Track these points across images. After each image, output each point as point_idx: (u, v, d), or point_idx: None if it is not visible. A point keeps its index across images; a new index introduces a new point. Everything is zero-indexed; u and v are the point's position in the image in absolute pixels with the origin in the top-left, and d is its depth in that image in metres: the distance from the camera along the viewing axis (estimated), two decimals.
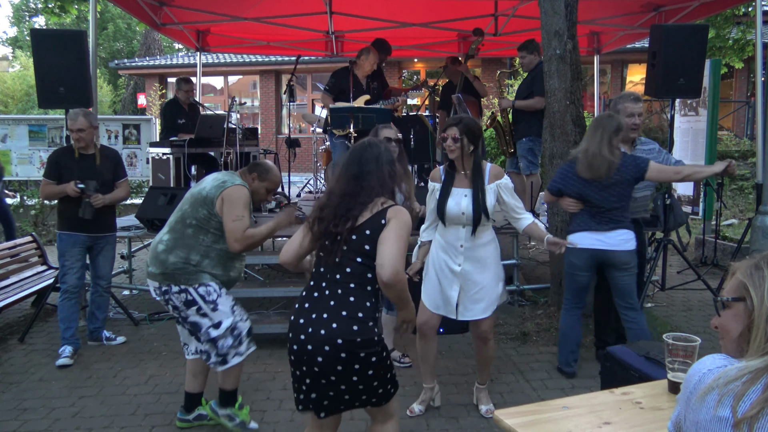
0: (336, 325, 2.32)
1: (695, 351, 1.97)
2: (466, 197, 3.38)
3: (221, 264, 3.34)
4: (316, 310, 2.39)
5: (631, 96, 4.17)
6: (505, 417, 1.81)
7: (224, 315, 3.30)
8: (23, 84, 19.52)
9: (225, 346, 3.30)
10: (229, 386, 3.45)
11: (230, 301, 3.37)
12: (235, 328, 3.33)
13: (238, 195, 3.27)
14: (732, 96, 16.64)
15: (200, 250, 3.28)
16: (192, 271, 3.26)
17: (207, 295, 3.27)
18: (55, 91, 5.12)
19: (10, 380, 4.28)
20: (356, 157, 2.56)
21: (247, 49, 10.70)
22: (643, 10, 7.41)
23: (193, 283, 3.25)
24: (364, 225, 2.42)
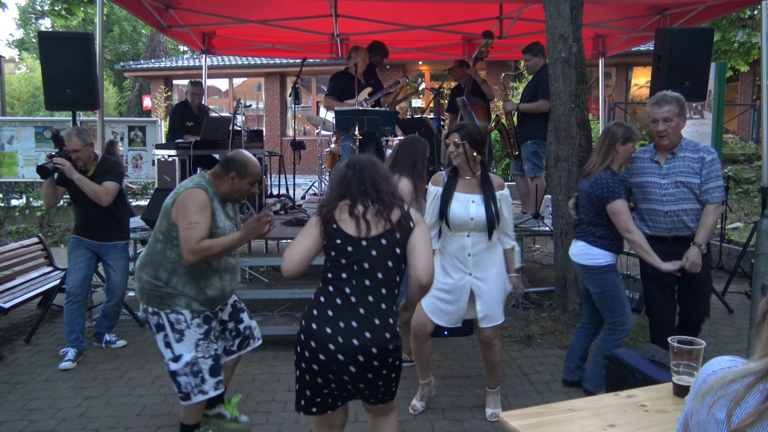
0: (369, 335, 2.28)
1: (700, 354, 1.97)
2: (475, 203, 3.34)
3: (193, 282, 3.06)
4: (343, 318, 2.30)
5: (655, 99, 3.69)
6: (510, 419, 1.81)
7: (185, 349, 3.05)
8: (29, 86, 19.67)
9: (187, 385, 3.07)
10: (190, 421, 3.21)
11: (198, 334, 3.07)
12: (195, 364, 3.06)
13: (190, 199, 2.96)
14: (737, 99, 16.61)
15: (167, 266, 3.04)
16: (164, 294, 3.04)
17: (176, 323, 3.05)
18: (62, 93, 5.16)
19: (16, 380, 4.30)
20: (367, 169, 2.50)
21: (252, 52, 10.72)
22: (648, 13, 7.40)
23: (166, 308, 3.05)
24: (394, 228, 2.38)
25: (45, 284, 5.55)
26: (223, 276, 3.18)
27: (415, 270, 2.35)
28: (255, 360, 4.59)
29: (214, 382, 3.11)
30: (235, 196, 3.20)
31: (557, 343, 4.82)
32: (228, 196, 3.17)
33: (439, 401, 3.90)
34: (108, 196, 4.48)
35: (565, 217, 5.09)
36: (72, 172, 4.38)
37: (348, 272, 2.36)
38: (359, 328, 2.28)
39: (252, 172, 3.15)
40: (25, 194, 10.39)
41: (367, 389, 2.39)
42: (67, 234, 9.05)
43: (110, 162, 4.76)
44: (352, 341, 2.26)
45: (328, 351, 2.28)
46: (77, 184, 4.40)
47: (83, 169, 4.53)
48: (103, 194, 4.46)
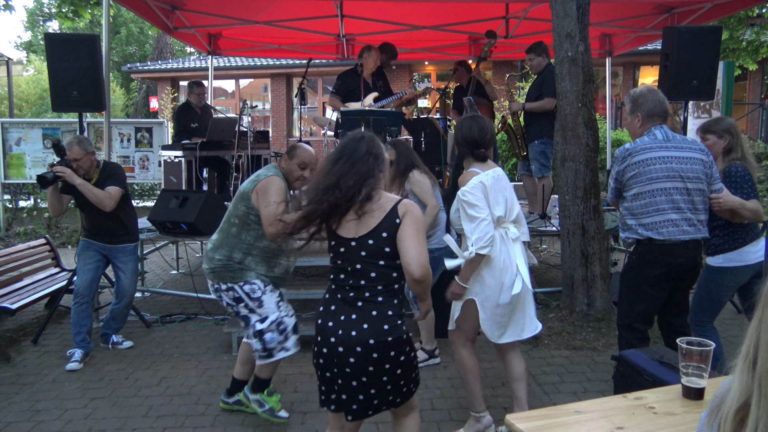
0: (367, 326, 2.36)
1: (710, 355, 1.94)
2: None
3: (264, 262, 3.40)
4: (343, 312, 2.41)
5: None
6: (517, 421, 1.79)
7: (269, 311, 3.40)
8: (37, 88, 19.76)
9: (272, 341, 3.39)
10: (264, 375, 3.55)
11: (275, 297, 3.44)
12: (281, 323, 3.41)
13: (270, 184, 3.31)
14: (745, 98, 16.51)
15: (242, 248, 3.38)
16: (236, 269, 3.37)
17: (252, 293, 3.38)
18: (69, 94, 5.17)
19: (23, 381, 4.31)
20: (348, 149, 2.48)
21: (258, 53, 10.74)
22: (655, 12, 7.37)
23: (239, 280, 3.37)
24: (378, 227, 2.39)
25: (52, 285, 5.57)
26: (290, 257, 3.50)
27: (405, 265, 2.35)
28: None
29: (295, 339, 3.47)
30: (289, 178, 3.43)
31: (564, 344, 4.80)
32: (286, 178, 3.42)
33: (445, 402, 3.89)
34: (111, 201, 4.50)
35: (572, 217, 5.06)
36: (74, 177, 4.39)
37: (344, 272, 2.45)
38: (357, 320, 2.37)
39: (300, 153, 3.41)
40: (32, 195, 10.43)
41: (376, 391, 2.40)
42: (75, 235, 9.09)
43: (112, 167, 4.76)
44: (350, 332, 2.35)
45: (329, 343, 2.40)
46: (80, 190, 4.41)
47: (86, 177, 4.54)
48: (106, 199, 4.47)
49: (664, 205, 3.33)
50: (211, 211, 5.42)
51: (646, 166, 3.35)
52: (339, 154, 2.48)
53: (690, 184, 3.33)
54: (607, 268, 5.17)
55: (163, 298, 6.32)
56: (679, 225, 3.34)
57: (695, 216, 3.36)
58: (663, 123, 3.46)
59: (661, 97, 3.46)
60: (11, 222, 10.01)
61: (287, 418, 3.62)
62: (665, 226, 3.34)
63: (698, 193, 3.35)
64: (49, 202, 4.55)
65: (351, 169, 2.41)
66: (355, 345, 2.34)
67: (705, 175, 3.37)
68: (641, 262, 3.47)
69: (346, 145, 2.50)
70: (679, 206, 3.33)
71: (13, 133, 9.47)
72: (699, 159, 3.36)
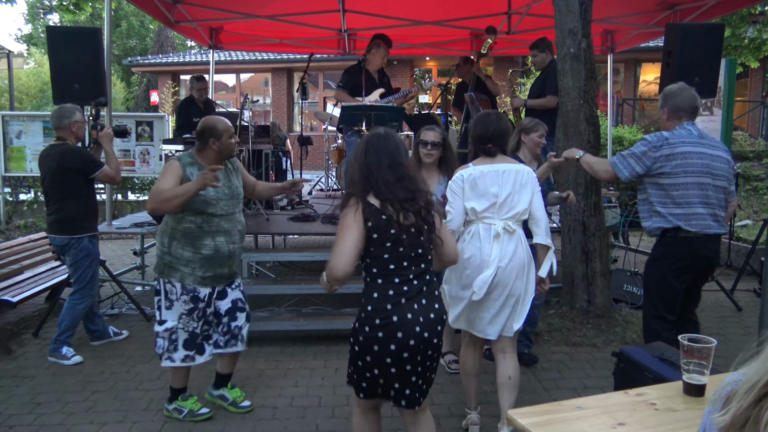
0: (438, 305, 2.53)
1: (711, 352, 1.95)
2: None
3: (189, 244, 3.40)
4: (415, 301, 2.46)
5: None
6: (518, 417, 1.80)
7: (170, 317, 3.46)
8: (38, 81, 19.73)
9: (160, 347, 3.48)
10: (174, 384, 3.64)
11: (184, 308, 3.44)
12: (174, 332, 3.46)
13: (164, 168, 3.44)
14: (747, 96, 16.49)
15: (168, 232, 3.44)
16: (166, 263, 3.43)
17: (168, 293, 3.46)
18: (70, 87, 5.17)
19: (24, 374, 4.32)
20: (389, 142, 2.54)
21: (259, 47, 10.73)
22: (657, 9, 7.35)
23: (164, 276, 3.46)
24: (427, 215, 2.51)
25: (53, 279, 5.57)
26: (215, 237, 3.43)
27: (450, 255, 2.62)
28: (261, 355, 4.60)
29: (184, 354, 3.48)
30: (226, 154, 3.50)
31: (564, 340, 4.81)
32: (222, 158, 3.48)
33: (445, 397, 3.90)
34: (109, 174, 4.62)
35: (572, 213, 5.06)
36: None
37: (407, 259, 2.47)
38: (428, 304, 2.49)
39: (222, 128, 3.43)
40: (33, 189, 10.42)
41: (432, 368, 2.57)
42: None
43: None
44: (429, 316, 2.47)
45: (416, 333, 2.42)
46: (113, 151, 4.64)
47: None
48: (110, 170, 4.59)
49: (695, 199, 3.43)
50: None
51: (686, 159, 3.43)
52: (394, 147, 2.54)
53: (717, 182, 3.45)
54: (607, 265, 5.18)
55: None
56: (705, 219, 3.44)
57: (720, 212, 3.48)
58: (691, 119, 3.55)
59: (690, 94, 3.56)
60: (12, 215, 10.01)
61: (209, 412, 3.65)
62: (695, 219, 3.44)
63: (722, 190, 3.48)
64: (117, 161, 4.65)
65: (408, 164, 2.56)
66: (436, 325, 2.49)
67: (729, 174, 3.50)
68: (667, 253, 3.56)
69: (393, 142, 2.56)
70: (708, 201, 3.44)
71: (13, 126, 9.44)
72: (726, 158, 3.50)
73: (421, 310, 2.44)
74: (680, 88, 3.59)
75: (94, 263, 4.59)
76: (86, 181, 4.48)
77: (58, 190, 4.44)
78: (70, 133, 4.46)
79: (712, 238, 3.48)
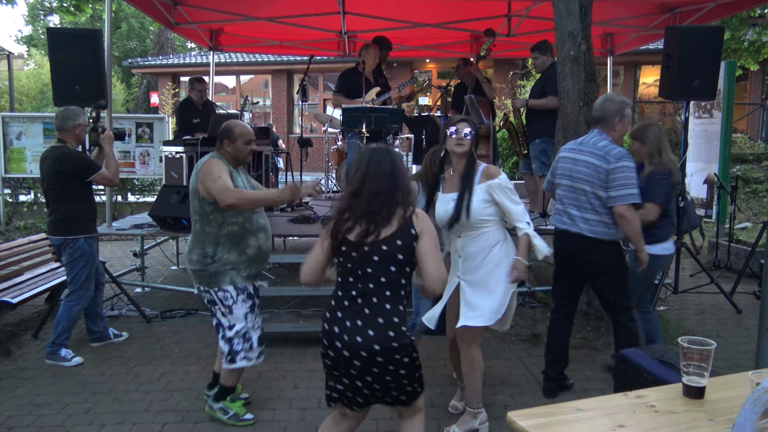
0: (372, 333, 2.41)
1: (711, 355, 1.95)
2: (453, 201, 3.25)
3: (235, 247, 3.41)
4: (349, 318, 2.45)
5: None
6: (518, 419, 1.80)
7: (237, 320, 3.46)
8: (38, 82, 19.69)
9: (237, 348, 3.46)
10: (228, 383, 3.60)
11: (245, 308, 3.47)
12: (246, 333, 3.48)
13: (209, 166, 3.35)
14: (746, 98, 16.50)
15: (210, 240, 3.40)
16: (212, 273, 3.40)
17: (224, 300, 3.44)
18: (71, 89, 5.17)
19: (24, 375, 4.32)
20: (384, 157, 2.53)
21: (259, 49, 10.75)
22: (657, 12, 7.36)
23: (213, 286, 3.42)
24: (394, 235, 2.44)
25: (52, 280, 5.56)
26: (258, 235, 3.49)
27: (427, 281, 2.46)
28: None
29: (259, 351, 3.53)
30: (240, 159, 3.51)
31: None
32: (235, 161, 3.49)
33: (445, 399, 3.90)
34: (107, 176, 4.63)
35: None
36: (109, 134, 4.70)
37: (354, 276, 2.48)
38: (363, 327, 2.42)
39: (239, 132, 3.44)
40: (33, 190, 10.41)
41: (379, 386, 2.47)
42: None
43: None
44: (356, 338, 2.40)
45: (336, 348, 2.45)
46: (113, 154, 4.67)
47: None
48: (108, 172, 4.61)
49: (559, 197, 3.85)
50: None
51: (558, 163, 3.88)
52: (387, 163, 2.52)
53: (576, 184, 3.67)
54: None
55: (163, 294, 6.33)
56: (560, 215, 3.81)
57: (574, 211, 3.70)
58: (597, 127, 3.74)
59: (597, 105, 3.80)
60: (11, 216, 10.00)
61: (252, 419, 3.63)
62: (555, 214, 3.89)
63: (581, 192, 3.66)
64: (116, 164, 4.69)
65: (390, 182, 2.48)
66: (360, 350, 2.40)
67: (595, 179, 3.58)
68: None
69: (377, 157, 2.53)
70: (563, 200, 3.78)
71: (13, 127, 9.44)
72: (592, 163, 3.61)
73: (349, 329, 2.42)
74: (599, 99, 3.85)
75: (90, 264, 4.58)
76: (83, 184, 4.48)
77: (55, 192, 4.46)
78: (72, 136, 4.48)
79: (566, 234, 3.75)
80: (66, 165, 4.41)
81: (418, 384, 2.58)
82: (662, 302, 5.85)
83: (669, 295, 6.08)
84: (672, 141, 11.51)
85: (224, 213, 3.36)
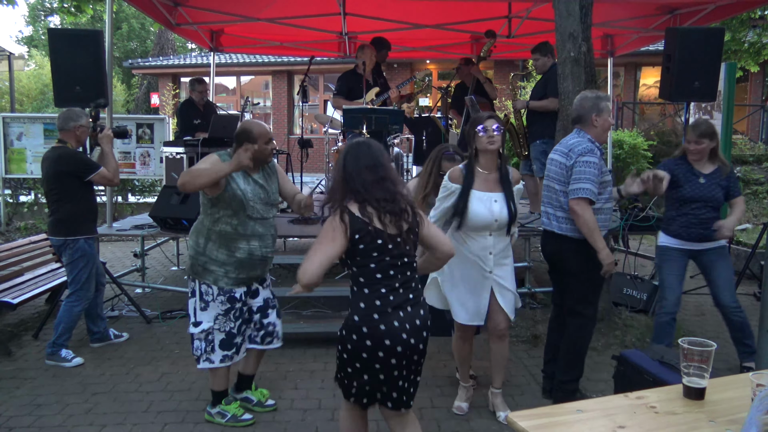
0: (423, 312, 2.56)
1: (711, 356, 1.95)
2: (497, 202, 3.33)
3: (224, 246, 3.42)
4: (401, 309, 2.49)
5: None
6: (519, 419, 1.80)
7: (205, 319, 3.47)
8: (38, 83, 19.72)
9: (197, 348, 3.49)
10: (214, 387, 3.62)
11: (220, 309, 3.46)
12: (210, 333, 3.47)
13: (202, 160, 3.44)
14: (747, 100, 16.50)
15: (203, 232, 3.46)
16: (201, 264, 3.45)
17: (204, 294, 3.48)
18: (72, 89, 5.18)
19: (24, 376, 4.32)
20: (375, 145, 2.61)
21: (260, 50, 10.74)
22: (657, 13, 7.37)
23: (199, 278, 3.48)
24: (413, 221, 2.54)
25: (53, 280, 5.57)
26: (250, 241, 3.45)
27: (447, 251, 2.67)
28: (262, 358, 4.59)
29: (222, 355, 3.48)
30: (261, 159, 3.46)
31: None
32: (257, 163, 3.44)
33: (445, 400, 3.90)
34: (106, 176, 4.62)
35: None
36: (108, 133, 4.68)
37: (394, 268, 2.49)
38: (414, 311, 2.52)
39: (258, 133, 3.40)
40: (33, 190, 10.42)
41: (418, 372, 2.60)
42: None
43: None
44: (415, 322, 2.50)
45: (403, 340, 2.45)
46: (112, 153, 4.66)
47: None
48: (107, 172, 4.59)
49: (542, 198, 3.86)
50: None
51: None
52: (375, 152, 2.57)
53: (550, 183, 3.74)
54: None
55: (163, 294, 6.33)
56: (543, 216, 3.84)
57: (549, 209, 3.73)
58: (576, 127, 3.76)
59: (573, 105, 3.84)
60: (12, 217, 10.01)
61: (252, 419, 3.63)
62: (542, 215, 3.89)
63: (552, 190, 3.71)
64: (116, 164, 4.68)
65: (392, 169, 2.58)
66: (422, 331, 2.52)
67: (561, 176, 3.62)
68: None
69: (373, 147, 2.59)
70: (544, 200, 3.82)
71: (14, 128, 9.45)
72: (557, 161, 3.69)
73: (406, 318, 2.47)
74: (576, 99, 3.87)
75: (90, 265, 4.58)
76: (82, 184, 4.48)
77: (55, 193, 4.47)
78: (72, 137, 4.48)
79: (545, 232, 3.82)
80: (64, 165, 4.42)
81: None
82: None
83: None
84: (672, 142, 11.54)
85: (219, 210, 3.38)
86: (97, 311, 4.85)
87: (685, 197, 4.09)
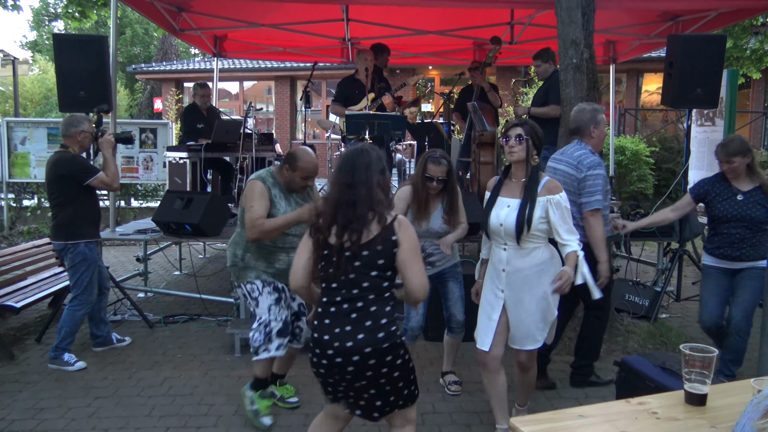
0: (362, 336, 2.41)
1: (713, 362, 1.95)
2: (509, 207, 3.12)
3: (263, 258, 3.61)
4: (338, 324, 2.44)
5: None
6: (521, 425, 1.81)
7: (262, 312, 3.59)
8: (42, 87, 19.84)
9: (256, 340, 3.55)
10: (257, 373, 3.68)
11: (270, 300, 3.59)
12: (267, 325, 3.55)
13: (249, 189, 3.51)
14: (749, 106, 16.51)
15: (242, 245, 3.64)
16: (241, 267, 3.64)
17: (251, 292, 3.63)
18: (76, 94, 5.21)
19: (27, 380, 4.33)
20: (348, 164, 2.52)
21: (263, 55, 10.77)
22: (659, 20, 7.38)
23: (241, 280, 3.66)
24: (374, 240, 2.42)
25: (56, 284, 5.58)
26: (289, 252, 3.56)
27: (410, 290, 2.46)
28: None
29: (278, 343, 3.55)
30: (292, 187, 3.58)
31: (565, 349, 4.79)
32: (287, 186, 3.58)
33: (446, 405, 3.90)
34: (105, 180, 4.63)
35: None
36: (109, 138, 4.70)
37: (337, 281, 2.48)
38: (352, 332, 2.42)
39: (302, 165, 3.49)
40: (36, 195, 10.46)
41: (375, 391, 2.47)
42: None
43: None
44: (346, 344, 2.41)
45: (327, 356, 2.44)
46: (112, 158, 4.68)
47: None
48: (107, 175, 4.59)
49: None
50: (215, 212, 5.44)
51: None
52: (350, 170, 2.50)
53: None
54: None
55: (166, 299, 6.34)
56: None
57: None
58: (575, 138, 3.95)
59: (571, 116, 4.00)
60: (15, 221, 10.04)
61: (269, 426, 3.63)
62: None
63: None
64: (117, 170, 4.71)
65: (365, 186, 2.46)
66: (352, 355, 2.40)
67: (569, 187, 3.68)
68: None
69: (354, 160, 2.51)
70: None
71: (18, 132, 9.51)
72: (564, 171, 3.82)
73: (339, 336, 2.41)
74: (573, 111, 3.99)
75: (92, 269, 4.59)
76: (82, 188, 4.48)
77: (56, 197, 4.51)
78: (75, 142, 4.51)
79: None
80: (63, 168, 4.44)
81: (414, 387, 2.59)
82: (664, 310, 5.85)
83: (671, 302, 6.08)
84: (674, 149, 11.56)
85: None
86: (101, 315, 4.86)
87: (718, 216, 4.04)
